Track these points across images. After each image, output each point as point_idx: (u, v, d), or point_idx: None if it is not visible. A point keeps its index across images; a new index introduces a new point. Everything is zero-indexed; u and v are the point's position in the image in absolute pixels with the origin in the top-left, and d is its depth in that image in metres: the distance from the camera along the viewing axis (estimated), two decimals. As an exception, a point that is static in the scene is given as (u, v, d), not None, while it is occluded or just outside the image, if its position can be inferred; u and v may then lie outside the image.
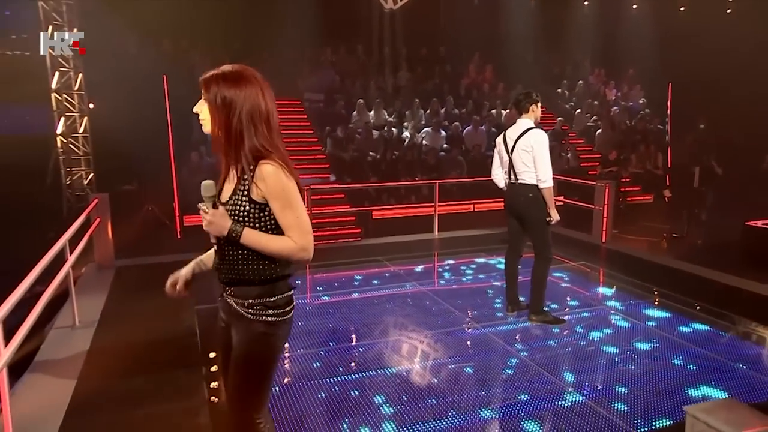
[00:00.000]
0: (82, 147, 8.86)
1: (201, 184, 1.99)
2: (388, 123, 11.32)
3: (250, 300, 2.05)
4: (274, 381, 3.77)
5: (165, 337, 4.56)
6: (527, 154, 4.64)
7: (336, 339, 4.65)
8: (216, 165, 2.15)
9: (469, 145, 11.04)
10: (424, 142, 11.03)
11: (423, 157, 10.56)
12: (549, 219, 4.69)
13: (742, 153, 9.30)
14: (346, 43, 13.03)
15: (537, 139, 4.62)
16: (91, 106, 9.08)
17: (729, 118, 9.63)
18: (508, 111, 11.56)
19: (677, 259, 6.77)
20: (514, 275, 5.06)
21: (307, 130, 11.13)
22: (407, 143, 10.86)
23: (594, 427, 3.28)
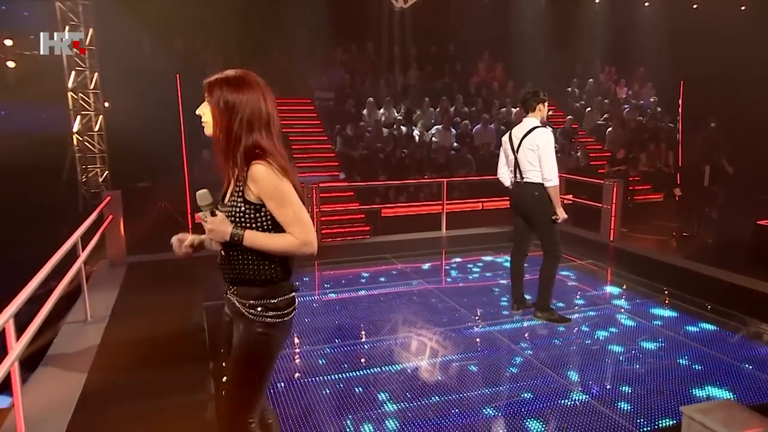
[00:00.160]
0: (97, 145, 9.02)
1: (195, 194, 2.03)
2: (398, 121, 11.35)
3: (252, 301, 2.09)
4: (281, 377, 3.85)
5: (174, 332, 4.63)
6: (533, 153, 4.64)
7: (342, 336, 4.69)
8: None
9: (478, 144, 11.03)
10: (433, 139, 11.03)
11: (432, 156, 10.58)
12: (555, 217, 4.69)
13: (755, 152, 9.19)
14: (356, 42, 13.07)
15: (542, 138, 4.63)
16: (106, 105, 9.23)
17: (742, 117, 9.49)
18: (517, 109, 11.53)
19: (686, 259, 6.73)
20: (520, 274, 5.06)
21: (317, 128, 11.19)
22: (417, 141, 10.88)
23: (597, 426, 3.28)
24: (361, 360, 4.24)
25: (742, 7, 13.27)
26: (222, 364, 2.22)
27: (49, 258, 3.76)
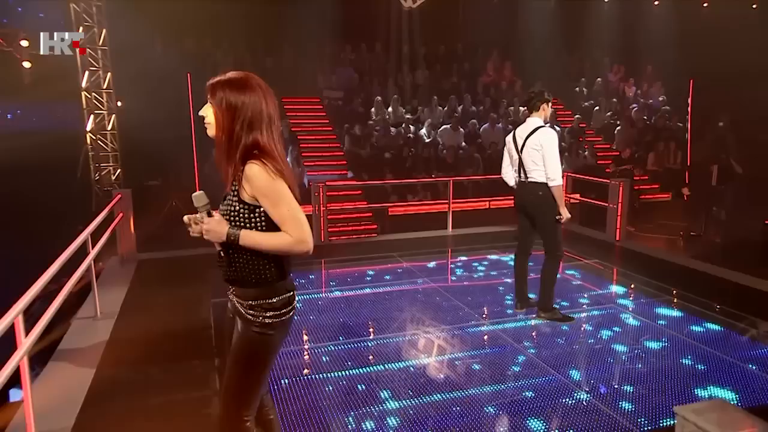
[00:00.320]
0: (110, 144, 9.17)
1: (192, 196, 2.08)
2: (406, 120, 11.38)
3: (250, 301, 2.12)
4: (285, 373, 3.91)
5: (181, 328, 4.72)
6: (537, 153, 4.66)
7: (345, 333, 4.73)
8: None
9: (486, 143, 11.03)
10: (439, 139, 11.05)
11: (440, 155, 10.60)
12: (559, 217, 4.70)
13: (765, 151, 9.11)
14: (365, 42, 13.13)
15: (546, 137, 4.64)
16: (119, 104, 9.37)
17: (752, 116, 9.41)
18: (524, 108, 11.53)
19: (693, 258, 6.70)
20: (524, 273, 5.08)
21: (326, 127, 11.26)
22: (425, 141, 10.90)
23: (598, 426, 3.28)
24: (364, 358, 4.28)
25: (754, 6, 13.12)
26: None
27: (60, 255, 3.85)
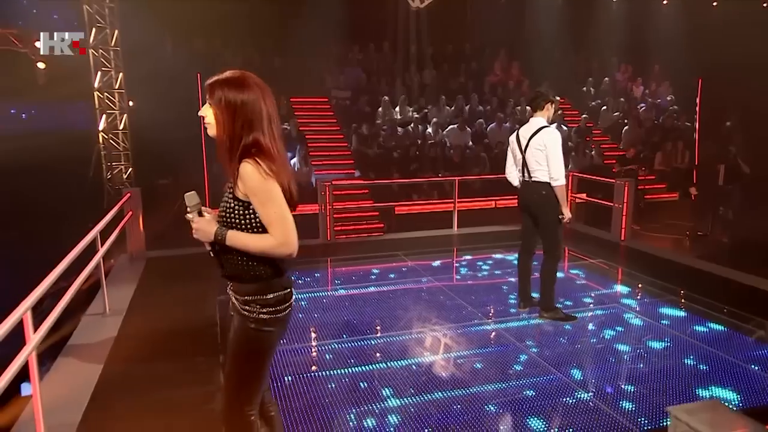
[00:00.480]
0: (121, 143, 9.30)
1: (184, 196, 2.12)
2: (414, 120, 11.41)
3: (247, 297, 2.14)
4: (288, 371, 3.96)
5: (187, 325, 4.79)
6: (540, 153, 4.68)
7: (349, 331, 4.77)
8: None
9: (492, 142, 11.03)
10: (446, 139, 11.06)
11: (447, 154, 10.61)
12: (561, 217, 4.72)
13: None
14: (373, 42, 13.17)
15: (550, 137, 4.66)
16: (130, 104, 9.48)
17: (761, 116, 9.32)
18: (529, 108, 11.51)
19: (700, 258, 6.68)
20: (527, 272, 5.10)
21: (333, 126, 11.32)
22: (432, 140, 10.93)
23: (598, 425, 3.30)
24: (367, 355, 4.31)
25: (765, 4, 12.99)
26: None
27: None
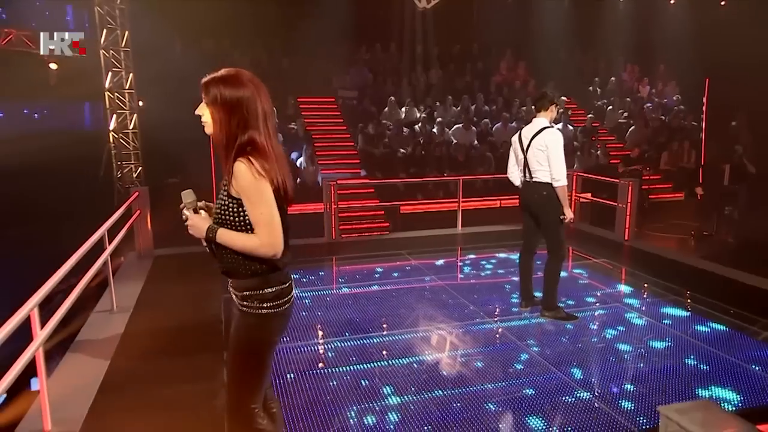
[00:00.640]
0: (131, 142, 9.42)
1: (181, 194, 2.17)
2: (420, 120, 11.44)
3: (245, 293, 2.17)
4: (290, 368, 4.01)
5: (193, 323, 4.87)
6: (542, 153, 4.71)
7: (351, 330, 4.82)
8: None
9: (498, 142, 11.05)
10: (452, 139, 11.09)
11: (452, 154, 10.64)
12: (562, 217, 4.75)
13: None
14: (380, 42, 13.22)
15: (551, 138, 4.68)
16: (140, 104, 9.60)
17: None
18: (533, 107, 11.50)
19: (704, 258, 6.67)
20: (528, 271, 5.13)
21: (340, 126, 11.38)
22: (437, 140, 10.96)
23: (597, 424, 3.31)
24: (368, 353, 4.35)
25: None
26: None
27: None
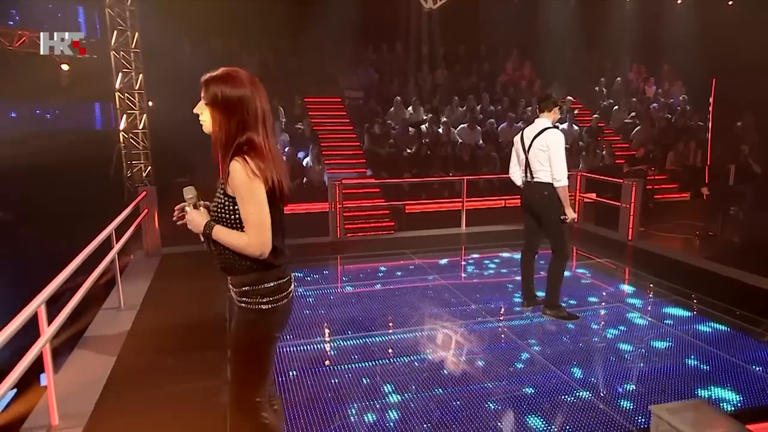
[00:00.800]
0: (141, 142, 9.53)
1: (183, 190, 2.23)
2: (425, 120, 11.47)
3: (243, 288, 2.21)
4: (292, 366, 4.07)
5: (198, 320, 4.94)
6: (543, 154, 4.73)
7: (354, 328, 4.87)
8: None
9: (504, 142, 11.06)
10: (458, 139, 11.12)
11: (458, 154, 10.67)
12: (564, 217, 4.77)
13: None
14: (386, 42, 13.27)
15: (553, 138, 4.71)
16: (150, 104, 9.71)
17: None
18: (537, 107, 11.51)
19: (708, 259, 6.66)
20: (530, 271, 5.16)
21: (346, 126, 11.45)
22: (443, 140, 10.99)
23: (595, 424, 3.34)
24: (370, 352, 4.39)
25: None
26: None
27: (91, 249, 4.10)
